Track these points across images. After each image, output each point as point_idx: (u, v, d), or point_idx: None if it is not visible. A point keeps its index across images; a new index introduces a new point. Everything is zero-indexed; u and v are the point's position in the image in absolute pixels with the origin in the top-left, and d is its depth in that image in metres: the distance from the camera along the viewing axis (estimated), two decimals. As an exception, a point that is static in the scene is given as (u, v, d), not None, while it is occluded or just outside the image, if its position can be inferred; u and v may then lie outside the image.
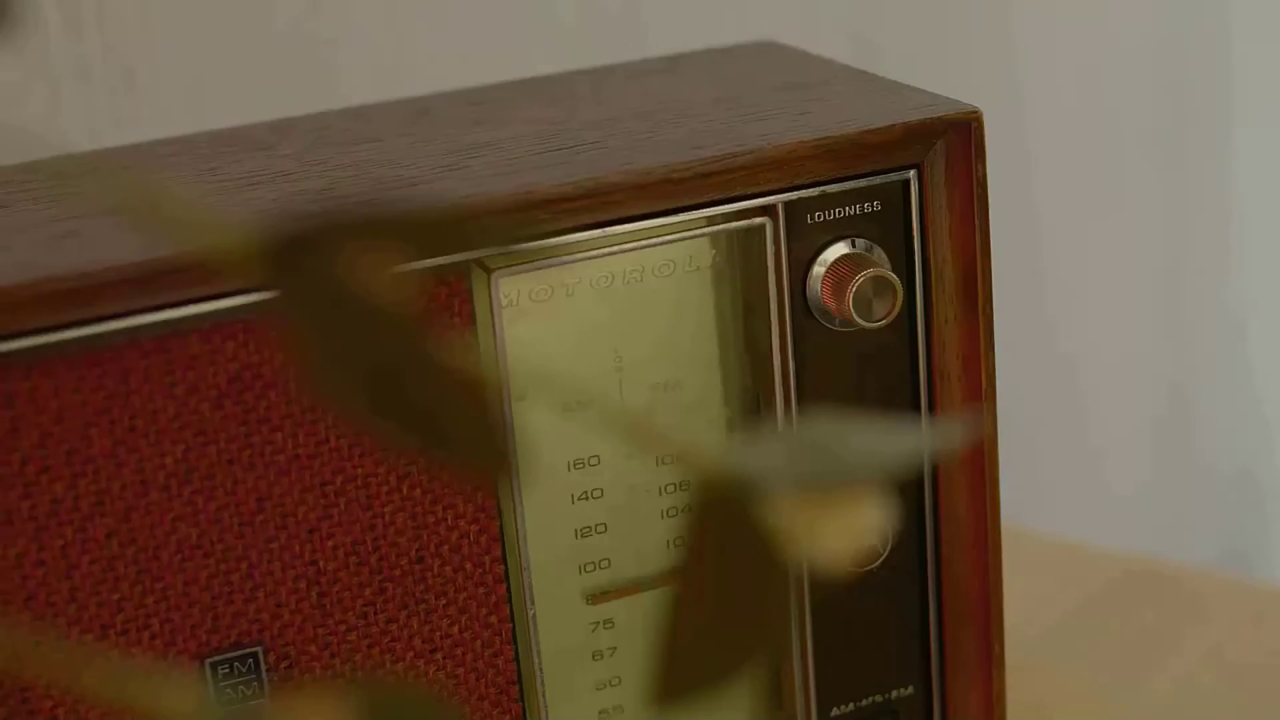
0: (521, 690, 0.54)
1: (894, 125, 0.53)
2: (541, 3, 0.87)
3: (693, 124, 0.55)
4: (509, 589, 0.54)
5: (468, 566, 0.53)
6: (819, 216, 0.54)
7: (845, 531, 0.30)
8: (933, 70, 0.95)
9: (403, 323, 0.27)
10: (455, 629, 0.53)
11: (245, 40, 0.80)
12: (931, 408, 0.56)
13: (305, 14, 0.81)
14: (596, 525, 0.55)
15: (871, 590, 0.58)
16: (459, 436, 0.28)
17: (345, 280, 0.27)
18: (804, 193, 0.53)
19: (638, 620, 0.56)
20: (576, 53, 0.84)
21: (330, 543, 0.51)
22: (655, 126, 0.56)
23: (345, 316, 0.27)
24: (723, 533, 0.31)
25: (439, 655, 0.53)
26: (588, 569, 0.55)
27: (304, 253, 0.27)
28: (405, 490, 0.52)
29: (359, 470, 0.51)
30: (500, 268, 0.51)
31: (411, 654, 0.53)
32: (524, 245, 0.51)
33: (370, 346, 0.27)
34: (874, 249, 0.54)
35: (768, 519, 0.31)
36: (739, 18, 0.90)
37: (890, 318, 0.53)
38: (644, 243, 0.53)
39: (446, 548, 0.53)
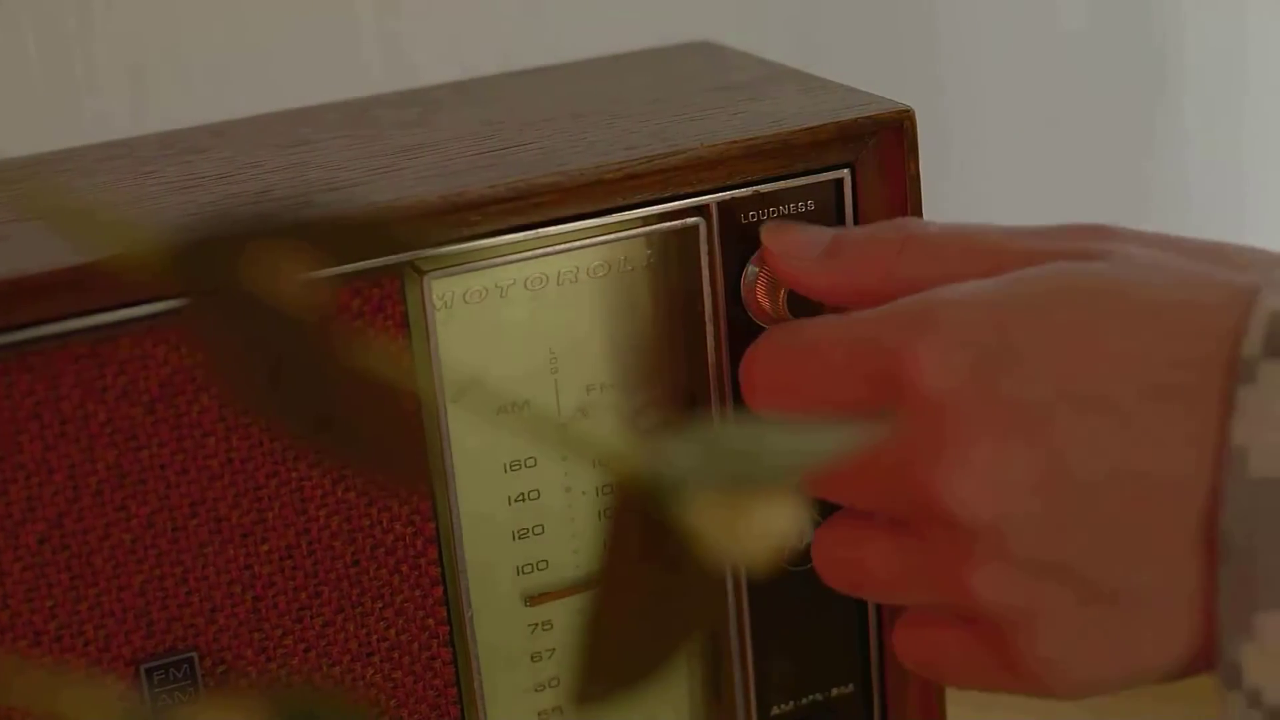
0: (460, 692, 0.54)
1: (826, 124, 0.53)
2: (486, 2, 0.87)
3: (626, 124, 0.55)
4: (446, 591, 0.53)
5: (404, 569, 0.53)
6: (753, 216, 0.54)
7: (762, 531, 0.30)
8: (873, 67, 0.95)
9: (311, 327, 0.27)
10: (392, 632, 0.53)
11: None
12: (867, 406, 0.56)
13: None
14: (534, 527, 0.55)
15: (810, 588, 0.58)
16: (372, 441, 0.28)
17: (253, 285, 0.27)
18: (738, 192, 0.53)
19: (577, 621, 0.56)
20: (519, 52, 0.84)
21: (264, 547, 0.51)
22: (589, 127, 0.56)
23: (254, 321, 0.27)
24: (642, 533, 0.31)
25: (375, 658, 0.53)
26: (525, 571, 0.55)
27: (212, 258, 0.27)
28: (340, 493, 0.52)
29: (293, 474, 0.51)
30: (432, 269, 0.51)
31: (348, 657, 0.53)
32: (442, 248, 0.51)
33: (280, 351, 0.27)
34: (808, 248, 0.54)
35: (686, 519, 0.31)
36: (682, 16, 0.90)
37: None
38: (577, 244, 0.53)
39: (382, 550, 0.52)
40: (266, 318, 0.27)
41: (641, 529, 0.31)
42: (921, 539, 0.49)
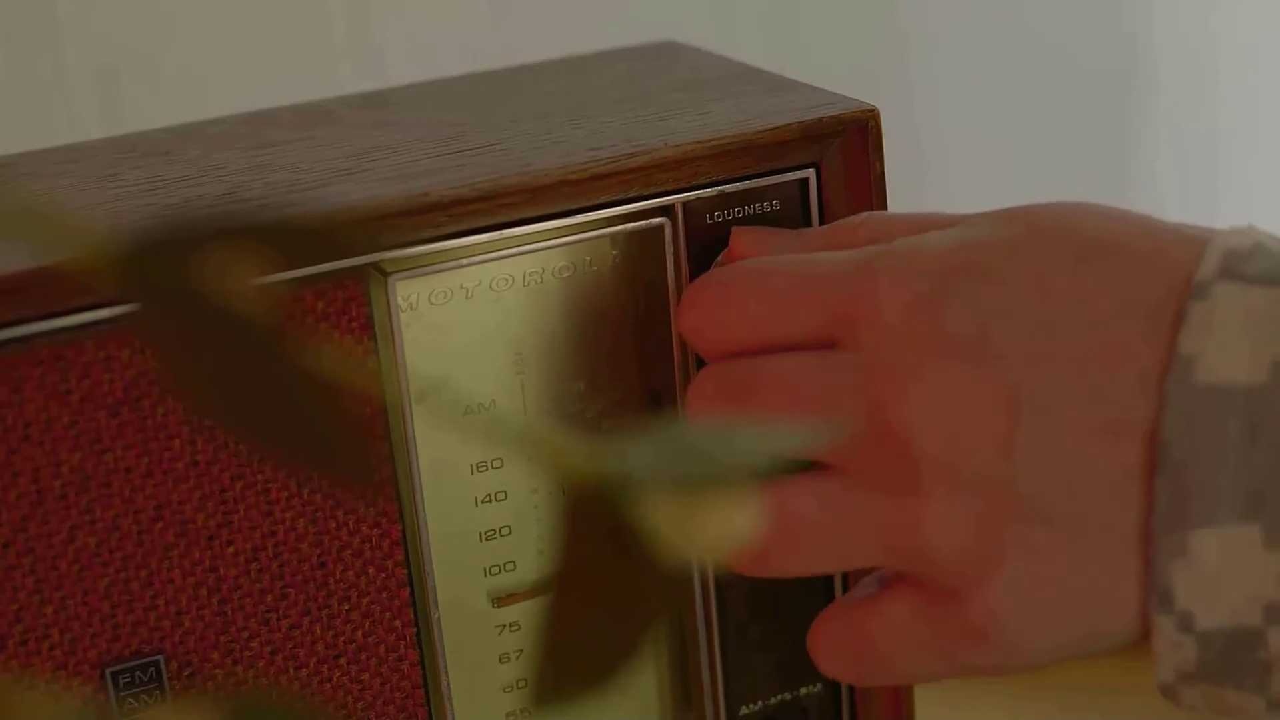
0: (427, 694, 0.54)
1: (790, 124, 0.54)
2: (455, 2, 0.87)
3: (591, 125, 0.56)
4: (413, 593, 0.53)
5: (370, 571, 0.53)
6: (718, 216, 0.54)
7: (720, 530, 0.31)
8: (843, 67, 0.95)
9: (264, 330, 0.27)
10: (359, 634, 0.53)
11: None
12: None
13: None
14: (501, 528, 0.55)
15: (778, 587, 0.58)
16: (326, 444, 0.28)
17: (205, 288, 0.27)
18: (703, 192, 0.53)
19: (536, 622, 0.56)
20: (488, 53, 0.84)
21: (230, 549, 0.51)
22: (554, 128, 0.56)
23: (206, 324, 0.27)
24: (599, 533, 0.31)
25: (343, 660, 0.53)
26: (493, 571, 0.55)
27: (163, 261, 0.27)
28: (305, 495, 0.52)
29: (258, 476, 0.51)
30: (397, 271, 0.51)
31: (315, 659, 0.53)
32: (406, 249, 0.50)
33: (232, 354, 0.27)
34: (773, 248, 0.54)
35: (643, 518, 0.31)
36: (652, 17, 0.90)
37: (789, 316, 0.54)
38: (543, 244, 0.53)
39: (349, 552, 0.52)
40: (219, 321, 0.27)
41: (599, 528, 0.31)
42: (870, 487, 0.48)
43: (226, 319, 0.27)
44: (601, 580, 0.31)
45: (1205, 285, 0.46)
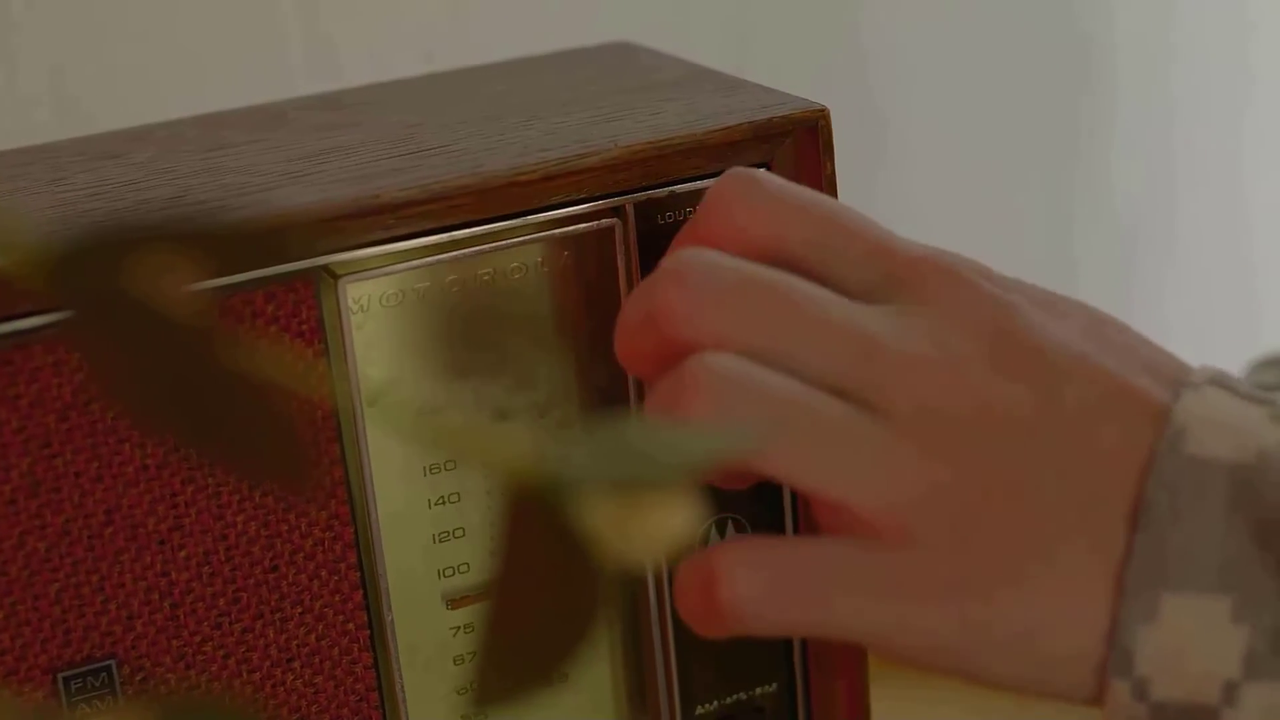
0: (382, 697, 0.54)
1: (741, 124, 0.54)
2: (411, 3, 0.87)
3: (543, 126, 0.56)
4: (366, 595, 0.53)
5: (323, 574, 0.53)
6: (670, 217, 0.54)
7: (657, 530, 0.31)
8: (800, 68, 0.95)
9: (195, 334, 0.27)
10: (312, 637, 0.53)
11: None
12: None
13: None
14: (455, 530, 0.55)
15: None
16: (259, 448, 0.28)
17: (135, 293, 0.27)
18: (654, 193, 0.54)
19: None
20: (446, 54, 0.84)
21: (182, 553, 0.51)
22: (506, 129, 0.56)
23: (138, 328, 0.27)
24: (538, 533, 0.31)
25: (296, 664, 0.53)
26: (447, 574, 0.55)
27: (95, 265, 0.27)
28: (257, 499, 0.51)
29: (209, 480, 0.51)
30: (347, 274, 0.51)
31: (268, 663, 0.53)
32: (355, 252, 0.50)
33: (163, 359, 0.27)
34: (725, 248, 0.54)
35: (582, 519, 0.31)
36: (610, 17, 0.90)
37: (741, 316, 0.54)
38: (494, 245, 0.53)
39: (301, 555, 0.52)
40: (150, 325, 0.27)
41: (538, 529, 0.31)
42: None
43: (157, 323, 0.27)
44: (542, 581, 0.31)
45: (1197, 385, 0.47)
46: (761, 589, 0.47)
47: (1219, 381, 0.48)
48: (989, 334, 0.47)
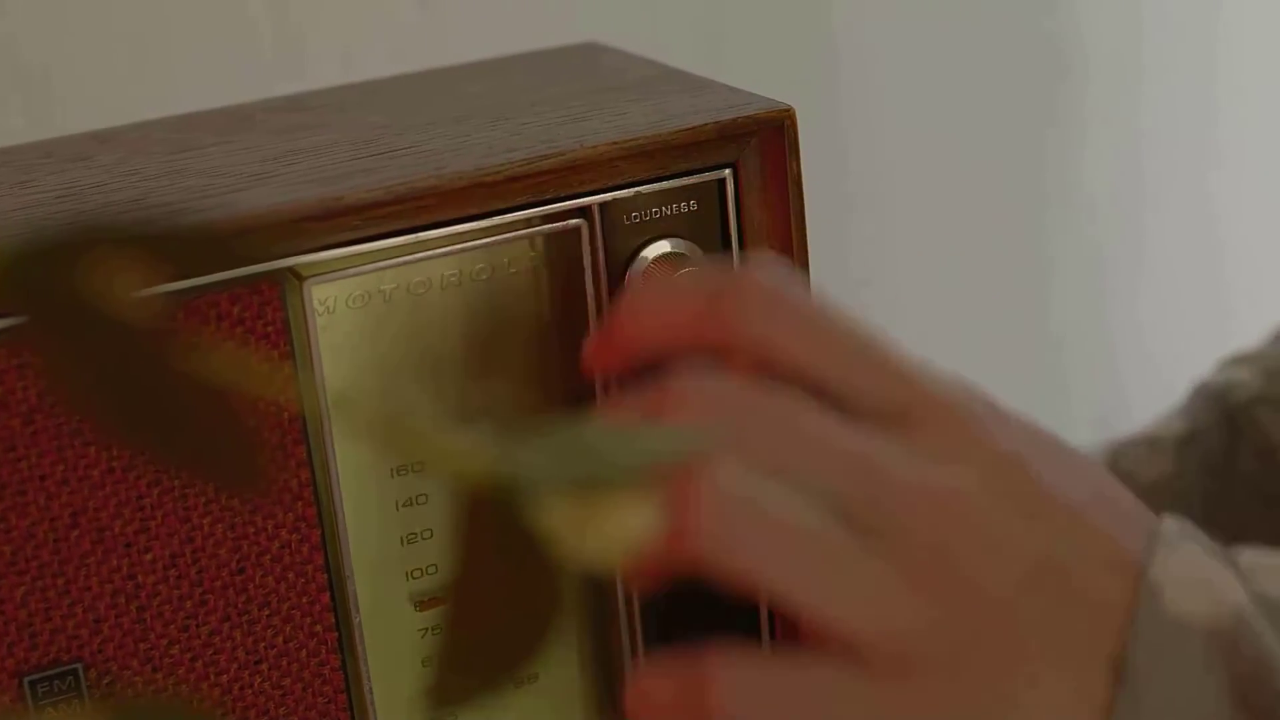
0: (350, 699, 0.54)
1: (706, 124, 0.54)
2: (383, 3, 0.87)
3: (509, 126, 0.55)
4: (334, 597, 0.53)
5: (290, 576, 0.53)
6: (635, 217, 0.54)
7: (614, 531, 0.31)
8: (769, 67, 0.95)
9: (150, 337, 0.27)
10: (280, 639, 0.53)
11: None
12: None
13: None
14: (423, 531, 0.55)
15: (703, 591, 0.58)
16: (213, 451, 0.28)
17: (90, 296, 0.27)
18: (619, 193, 0.53)
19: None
20: (417, 54, 0.84)
21: (148, 556, 0.51)
22: (473, 129, 0.56)
23: (91, 332, 0.27)
24: (496, 534, 0.31)
25: (264, 666, 0.53)
26: (415, 575, 0.55)
27: (48, 269, 0.27)
28: (223, 501, 0.51)
29: (175, 482, 0.51)
30: (312, 275, 0.51)
31: (235, 666, 0.53)
32: (320, 253, 0.50)
33: (117, 362, 0.27)
34: (692, 248, 0.54)
35: (539, 520, 0.31)
36: (581, 17, 0.90)
37: (707, 316, 0.54)
38: (460, 247, 0.52)
39: (268, 558, 0.52)
40: (104, 328, 0.27)
41: (495, 530, 0.31)
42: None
43: (111, 326, 0.27)
44: (500, 582, 0.31)
45: (1170, 541, 0.48)
46: (753, 708, 0.45)
47: (1190, 536, 0.49)
48: (993, 475, 0.48)
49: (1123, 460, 0.77)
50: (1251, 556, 0.50)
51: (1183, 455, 0.77)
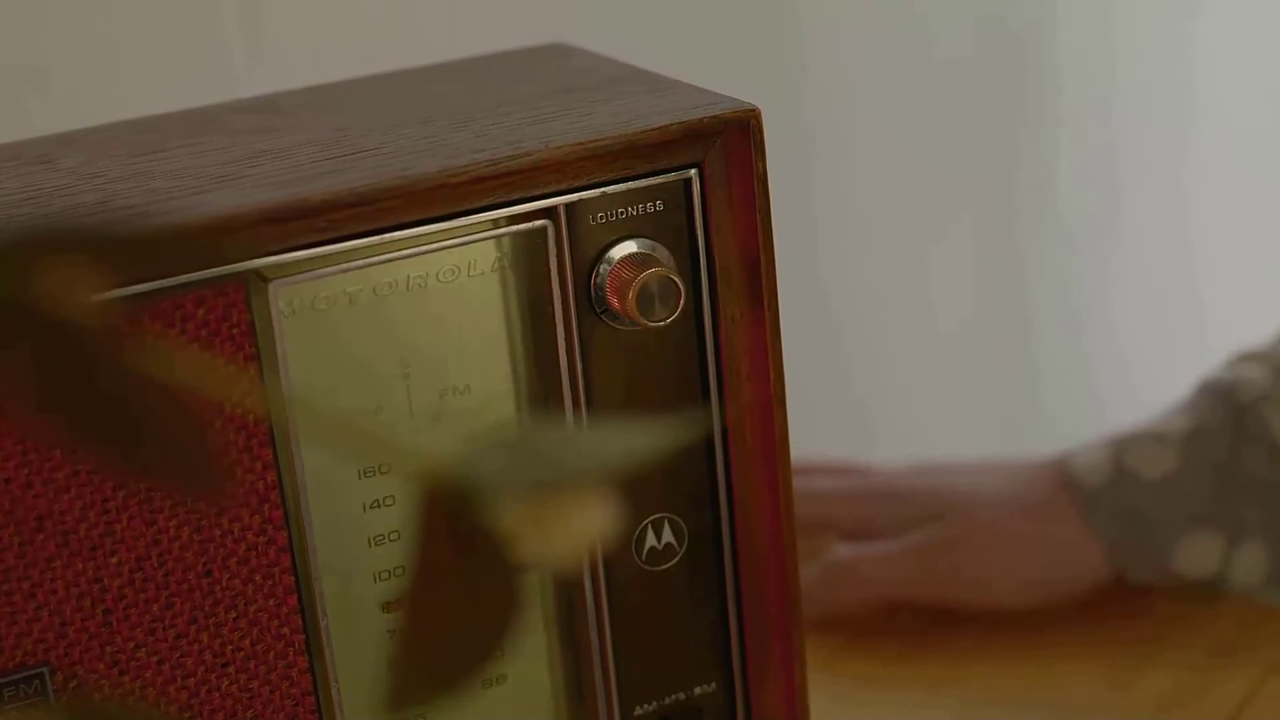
0: (318, 701, 0.54)
1: (672, 125, 0.54)
2: (348, 4, 0.86)
3: (475, 128, 0.55)
4: (301, 599, 0.53)
5: (257, 578, 0.53)
6: (601, 217, 0.54)
7: (572, 532, 0.31)
8: (733, 67, 0.96)
9: (107, 341, 0.27)
10: (247, 642, 0.53)
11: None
12: (722, 405, 0.56)
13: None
14: (390, 533, 0.55)
15: (670, 588, 0.58)
16: (168, 456, 0.28)
17: (45, 299, 0.27)
18: (585, 194, 0.53)
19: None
20: (384, 55, 0.84)
21: (114, 559, 0.51)
22: (437, 131, 0.56)
23: (47, 336, 0.27)
24: (453, 537, 0.31)
25: (231, 669, 0.53)
26: (382, 577, 0.55)
27: (2, 272, 0.27)
28: (190, 503, 0.51)
29: (141, 485, 0.51)
30: (278, 277, 0.51)
31: (202, 668, 0.52)
32: (286, 255, 0.50)
33: (75, 367, 0.27)
34: (658, 248, 0.54)
35: (497, 522, 0.31)
36: (548, 18, 0.90)
37: (673, 317, 0.54)
38: (425, 248, 0.52)
39: (234, 560, 0.52)
40: (60, 332, 0.27)
41: (453, 532, 0.31)
42: None
43: (66, 330, 0.27)
44: (457, 585, 0.31)
45: None
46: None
47: None
48: None
49: (1127, 457, 0.76)
50: None
51: (1188, 452, 0.76)
